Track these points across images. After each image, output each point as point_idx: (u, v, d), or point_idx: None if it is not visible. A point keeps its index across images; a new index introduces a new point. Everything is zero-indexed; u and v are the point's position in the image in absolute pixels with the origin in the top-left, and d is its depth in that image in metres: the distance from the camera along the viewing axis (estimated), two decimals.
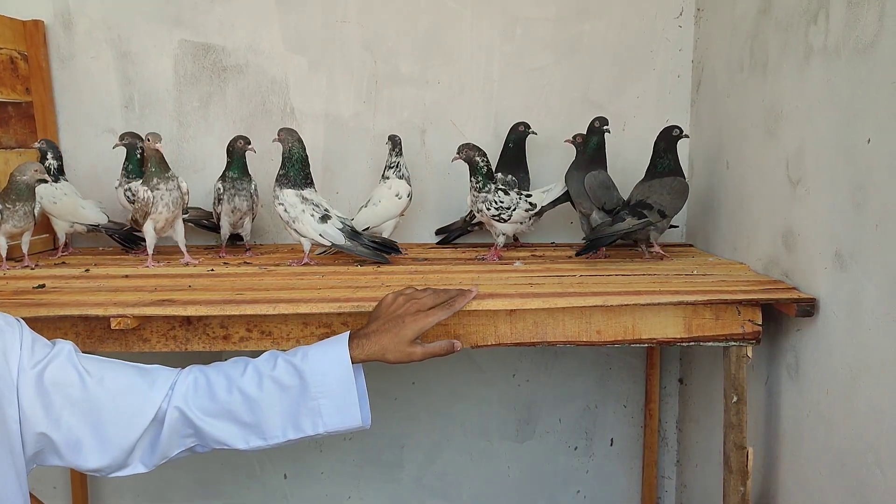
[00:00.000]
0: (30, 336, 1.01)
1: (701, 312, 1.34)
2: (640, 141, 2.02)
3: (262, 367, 1.10)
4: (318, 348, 1.12)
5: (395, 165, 1.81)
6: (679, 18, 2.01)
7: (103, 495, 2.22)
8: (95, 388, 1.02)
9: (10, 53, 1.88)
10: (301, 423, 1.10)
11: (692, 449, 2.08)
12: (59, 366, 1.00)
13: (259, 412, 1.08)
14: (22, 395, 0.98)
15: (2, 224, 1.61)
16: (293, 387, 1.09)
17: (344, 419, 1.11)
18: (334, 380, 1.10)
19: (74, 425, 1.01)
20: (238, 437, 1.09)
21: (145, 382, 1.06)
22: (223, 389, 1.08)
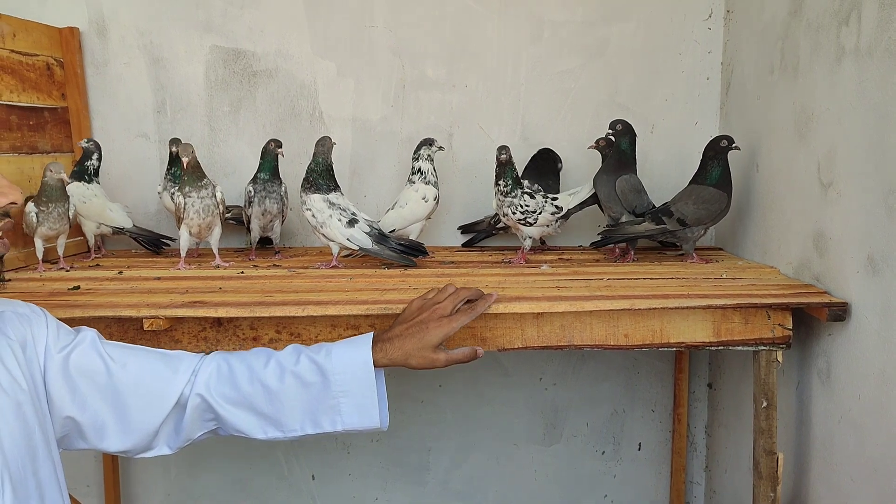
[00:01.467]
0: (55, 323, 1.04)
1: (730, 316, 1.33)
2: (669, 144, 2.01)
3: (284, 361, 1.12)
4: (342, 348, 1.13)
5: (417, 171, 1.81)
6: (708, 20, 2.00)
7: (134, 494, 2.25)
8: (119, 373, 1.04)
9: (46, 60, 1.92)
10: (320, 420, 1.12)
11: (721, 454, 2.06)
12: (84, 351, 1.03)
13: (279, 405, 1.10)
14: (49, 380, 1.01)
15: (38, 227, 1.65)
16: (314, 384, 1.10)
17: (363, 419, 1.12)
18: (356, 381, 1.11)
19: (99, 409, 1.04)
20: (257, 427, 1.12)
21: (169, 368, 1.08)
22: (245, 380, 1.10)
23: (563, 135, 2.00)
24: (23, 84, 1.82)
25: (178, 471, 2.25)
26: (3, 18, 1.77)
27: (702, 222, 1.66)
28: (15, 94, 1.79)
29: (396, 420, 2.21)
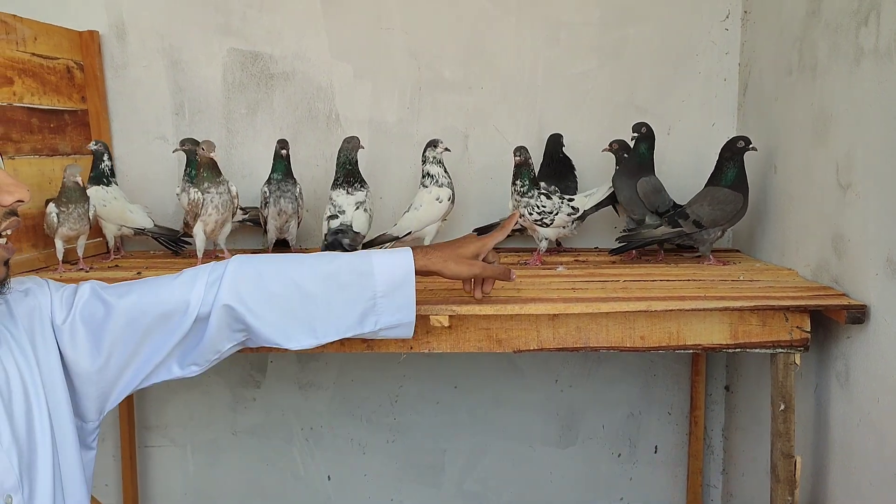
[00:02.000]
0: (58, 293, 1.06)
1: (747, 318, 1.32)
2: (686, 145, 2.01)
3: (319, 262, 1.12)
4: (381, 253, 1.14)
5: (427, 175, 1.81)
6: (725, 21, 1.99)
7: (152, 492, 2.27)
8: (122, 306, 1.06)
9: (66, 63, 1.94)
10: (356, 321, 1.12)
11: (738, 457, 2.05)
12: (85, 305, 1.05)
13: (313, 308, 1.10)
14: (65, 351, 1.03)
15: (58, 227, 1.67)
16: (352, 284, 1.10)
17: (401, 317, 1.13)
18: (396, 281, 1.12)
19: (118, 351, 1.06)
20: (289, 334, 1.11)
21: (180, 286, 1.09)
22: (276, 282, 1.09)
23: (580, 136, 1.99)
24: (44, 87, 1.85)
25: (195, 469, 2.26)
26: (24, 22, 1.79)
27: (718, 224, 1.65)
28: (36, 96, 1.81)
29: (412, 421, 2.22)
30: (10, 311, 0.99)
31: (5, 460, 0.90)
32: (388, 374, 2.21)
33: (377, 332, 1.14)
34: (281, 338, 1.11)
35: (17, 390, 0.95)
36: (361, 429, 2.24)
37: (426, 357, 2.18)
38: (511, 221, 1.27)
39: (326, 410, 2.23)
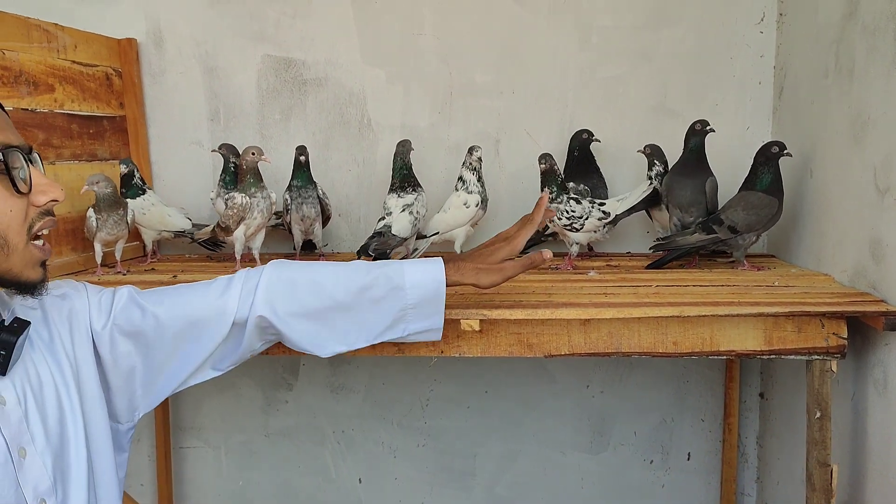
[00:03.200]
0: (95, 297, 1.08)
1: (782, 325, 1.30)
2: (719, 149, 1.98)
3: (354, 275, 1.13)
4: (414, 265, 1.15)
5: (459, 179, 1.81)
6: (760, 24, 1.97)
7: (186, 493, 2.30)
8: (160, 313, 1.08)
9: (105, 70, 1.98)
10: (385, 331, 1.15)
11: (773, 465, 2.02)
12: (123, 310, 1.07)
13: (345, 319, 1.12)
14: (103, 357, 1.05)
15: (97, 232, 1.70)
16: (385, 298, 1.12)
17: (430, 323, 1.15)
18: (428, 296, 1.13)
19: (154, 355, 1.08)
20: (320, 343, 1.14)
21: (215, 294, 1.11)
22: (310, 293, 1.11)
23: (611, 140, 1.98)
24: (83, 94, 1.89)
25: (228, 471, 2.29)
26: (65, 31, 1.83)
27: (753, 229, 1.63)
28: (76, 103, 1.85)
29: (442, 425, 2.23)
30: (45, 315, 1.01)
31: (39, 464, 0.91)
32: (419, 378, 2.22)
33: (405, 337, 1.17)
34: (312, 346, 1.14)
35: (51, 395, 0.96)
36: (392, 432, 2.25)
37: (457, 361, 2.18)
38: (540, 209, 1.25)
39: (357, 413, 2.25)
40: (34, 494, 0.90)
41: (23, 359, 0.94)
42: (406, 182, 1.78)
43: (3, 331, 0.89)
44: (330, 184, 2.03)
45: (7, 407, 0.89)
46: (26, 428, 0.91)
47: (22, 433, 0.90)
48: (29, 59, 1.71)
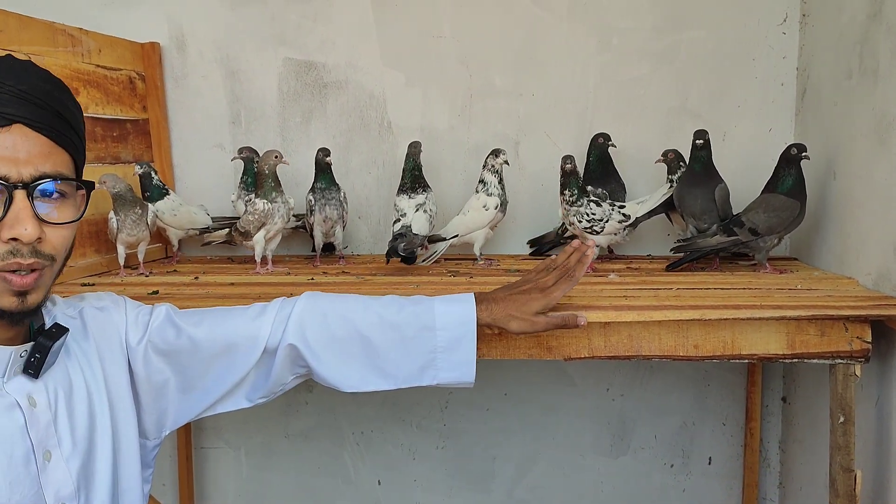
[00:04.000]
0: (133, 312, 1.09)
1: (805, 328, 1.29)
2: (741, 151, 1.97)
3: (384, 311, 1.13)
4: (445, 304, 1.14)
5: (481, 181, 1.82)
6: (783, 25, 1.95)
7: (207, 493, 2.32)
8: (195, 334, 1.09)
9: (129, 74, 2.01)
10: (414, 375, 1.13)
11: (796, 471, 1.99)
12: (159, 328, 1.08)
13: (374, 357, 1.12)
14: (136, 371, 1.06)
15: (118, 233, 1.72)
16: (415, 338, 1.11)
17: (459, 375, 1.14)
18: (458, 338, 1.12)
19: (187, 375, 1.09)
20: (348, 378, 1.13)
21: (249, 320, 1.11)
22: (341, 328, 1.11)
23: (632, 142, 1.97)
24: (107, 97, 1.91)
25: (248, 471, 2.30)
26: (89, 35, 1.85)
27: (774, 231, 1.62)
28: (100, 106, 1.88)
29: (461, 427, 2.23)
30: (84, 326, 1.02)
31: (63, 469, 0.93)
32: None
33: (435, 385, 1.15)
34: (339, 381, 1.13)
35: (82, 403, 0.97)
36: (411, 434, 2.25)
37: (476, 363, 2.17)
38: (581, 268, 1.21)
39: (377, 415, 2.25)
40: (55, 498, 0.91)
41: (58, 365, 0.95)
42: (416, 183, 1.80)
43: (41, 335, 0.91)
44: (350, 186, 2.04)
45: (37, 409, 0.91)
46: (54, 432, 0.92)
47: (49, 436, 0.92)
48: (54, 63, 1.73)
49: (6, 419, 0.87)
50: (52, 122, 0.87)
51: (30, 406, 0.90)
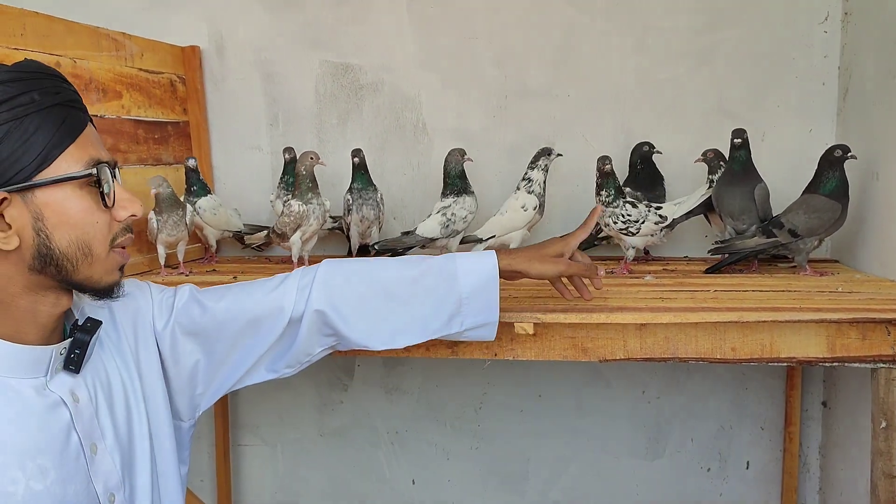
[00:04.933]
0: (158, 295, 1.11)
1: (846, 331, 1.27)
2: (780, 152, 1.95)
3: (406, 266, 1.15)
4: (466, 256, 1.16)
5: (527, 179, 1.82)
6: (824, 23, 1.92)
7: (244, 489, 2.35)
8: (217, 308, 1.11)
9: (170, 77, 2.05)
10: (440, 324, 1.14)
11: (836, 476, 1.96)
12: (183, 308, 1.10)
13: (401, 310, 1.13)
14: (165, 356, 1.09)
15: (158, 233, 1.76)
16: (438, 287, 1.13)
17: (485, 317, 1.15)
18: (481, 284, 1.13)
19: (214, 351, 1.11)
20: (377, 336, 1.14)
21: (272, 290, 1.13)
22: (365, 285, 1.13)
23: (668, 143, 1.96)
24: (149, 100, 1.95)
25: (285, 468, 2.33)
26: (132, 39, 1.89)
27: (814, 233, 1.60)
28: (142, 109, 1.92)
29: (495, 428, 2.23)
30: (113, 315, 1.04)
31: (109, 460, 0.95)
32: (473, 381, 2.22)
33: (461, 332, 1.16)
34: (368, 339, 1.14)
35: (119, 393, 1.00)
36: (446, 434, 2.26)
37: (510, 364, 2.18)
38: (593, 217, 1.27)
39: (411, 415, 2.26)
40: (104, 489, 0.94)
41: (93, 358, 0.98)
42: (452, 187, 1.83)
43: (78, 330, 0.93)
44: (386, 187, 2.05)
45: (80, 404, 0.93)
46: (97, 424, 0.95)
47: (93, 430, 0.94)
48: (98, 66, 1.77)
49: (54, 416, 0.90)
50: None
51: (73, 402, 0.92)
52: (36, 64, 0.88)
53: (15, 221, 0.84)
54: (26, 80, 0.84)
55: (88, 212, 0.88)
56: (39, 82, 0.85)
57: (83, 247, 0.88)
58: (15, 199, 0.84)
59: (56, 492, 0.87)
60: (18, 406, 0.87)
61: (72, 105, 0.88)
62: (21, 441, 0.86)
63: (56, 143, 0.85)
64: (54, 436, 0.89)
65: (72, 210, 0.87)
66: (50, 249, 0.86)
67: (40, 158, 0.84)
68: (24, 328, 0.89)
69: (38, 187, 0.84)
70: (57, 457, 0.88)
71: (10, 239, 0.85)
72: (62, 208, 0.86)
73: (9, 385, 0.87)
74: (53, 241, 0.86)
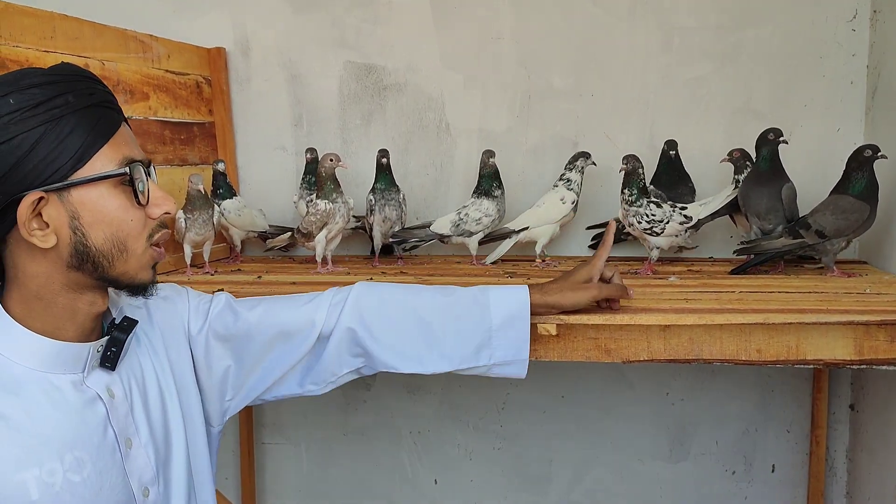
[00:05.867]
0: (195, 300, 1.13)
1: (874, 334, 1.25)
2: (808, 152, 1.92)
3: (439, 293, 1.16)
4: (498, 288, 1.17)
5: (565, 179, 1.84)
6: (852, 21, 1.89)
7: (269, 487, 2.37)
8: (250, 318, 1.12)
9: (196, 78, 2.07)
10: (470, 354, 1.15)
11: (864, 480, 1.93)
12: (218, 316, 1.12)
13: (431, 337, 1.14)
14: (197, 357, 1.10)
15: (186, 233, 1.77)
16: (469, 317, 1.13)
17: (515, 353, 1.15)
18: (512, 316, 1.14)
19: (245, 361, 1.13)
20: (405, 359, 1.14)
21: (305, 305, 1.14)
22: (397, 308, 1.14)
23: (694, 143, 1.94)
24: (175, 101, 1.97)
25: (308, 467, 2.35)
26: (159, 41, 1.92)
27: (842, 234, 1.57)
28: (168, 110, 1.94)
29: (518, 429, 2.22)
30: (149, 316, 1.07)
31: (143, 455, 0.98)
32: (495, 382, 2.22)
33: (490, 366, 1.16)
34: (395, 360, 1.15)
35: (154, 391, 1.03)
36: (468, 435, 2.26)
37: (533, 365, 2.15)
38: (610, 233, 1.27)
39: (434, 415, 2.27)
40: (139, 483, 0.96)
41: (129, 356, 1.00)
42: (478, 188, 1.87)
43: (115, 329, 0.96)
44: (408, 187, 2.06)
45: (116, 400, 0.96)
46: (132, 420, 0.98)
47: (128, 425, 0.97)
48: (126, 68, 1.80)
49: (91, 412, 0.93)
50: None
51: (109, 398, 0.95)
52: (71, 67, 0.90)
53: (52, 220, 0.87)
54: (60, 82, 0.86)
55: (123, 209, 0.90)
56: (73, 84, 0.87)
57: (118, 244, 0.90)
58: (52, 198, 0.86)
59: (92, 484, 0.90)
60: (58, 400, 0.90)
61: (106, 106, 0.90)
62: (60, 434, 0.89)
63: (91, 143, 0.87)
64: (91, 430, 0.92)
65: (107, 208, 0.89)
66: (86, 247, 0.89)
67: (76, 158, 0.86)
68: (63, 325, 0.92)
69: (74, 186, 0.86)
70: (94, 450, 0.91)
71: (48, 237, 0.87)
72: (97, 206, 0.88)
73: (48, 380, 0.90)
74: (90, 238, 0.88)
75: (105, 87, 0.92)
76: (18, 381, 0.88)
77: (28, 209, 0.85)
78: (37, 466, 0.85)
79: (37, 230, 0.86)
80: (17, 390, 0.87)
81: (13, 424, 0.85)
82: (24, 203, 0.84)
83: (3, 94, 0.83)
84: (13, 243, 0.89)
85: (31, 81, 0.85)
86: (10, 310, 0.90)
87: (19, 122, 0.83)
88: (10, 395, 0.87)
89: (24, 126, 0.83)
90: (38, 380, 0.89)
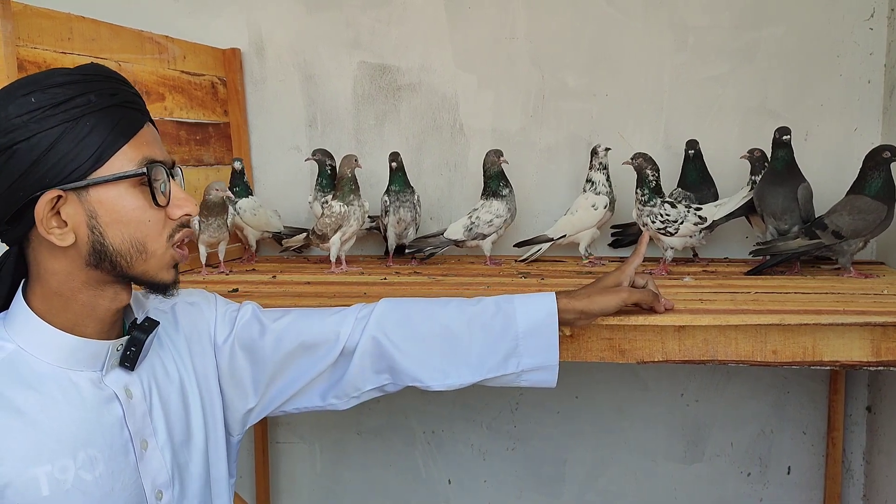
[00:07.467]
0: (223, 308, 1.13)
1: (891, 335, 1.24)
2: (824, 151, 1.91)
3: (464, 304, 1.14)
4: (525, 295, 1.15)
5: (589, 181, 1.84)
6: (870, 20, 1.88)
7: (283, 487, 2.38)
8: (276, 328, 1.12)
9: (211, 79, 2.08)
10: (497, 363, 1.12)
11: (881, 483, 1.92)
12: (245, 325, 1.11)
13: (457, 347, 1.12)
14: (222, 370, 1.10)
15: (199, 234, 1.79)
16: (495, 325, 1.11)
17: (543, 359, 1.13)
18: (539, 323, 1.12)
19: (268, 371, 1.12)
20: (432, 373, 1.12)
21: (332, 316, 1.13)
22: (423, 319, 1.12)
23: (710, 143, 1.93)
24: (191, 102, 1.98)
25: (322, 466, 2.35)
26: (175, 42, 1.93)
27: (859, 234, 1.56)
28: (184, 111, 1.95)
29: (532, 430, 2.22)
30: (175, 321, 1.07)
31: (159, 457, 0.98)
32: None
33: (519, 374, 1.13)
34: (421, 371, 1.12)
35: (175, 394, 1.02)
36: (482, 435, 2.26)
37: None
38: (643, 243, 1.26)
39: (448, 415, 2.27)
40: (152, 486, 0.96)
41: (150, 358, 1.01)
42: (486, 189, 1.87)
43: (136, 329, 0.96)
44: (422, 188, 2.06)
45: (133, 400, 0.96)
46: (150, 422, 0.97)
47: (145, 426, 0.97)
48: (142, 69, 1.81)
49: (106, 410, 0.93)
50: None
51: (127, 397, 0.95)
52: (96, 67, 0.91)
53: (70, 219, 0.87)
54: (83, 82, 0.87)
55: (141, 210, 0.90)
56: (96, 84, 0.88)
57: (136, 244, 0.90)
58: (70, 197, 0.87)
59: (104, 483, 0.90)
60: (74, 397, 0.90)
61: (129, 106, 0.90)
62: (75, 431, 0.89)
63: (110, 143, 0.87)
64: (106, 429, 0.92)
65: (125, 208, 0.89)
66: (104, 246, 0.89)
67: (94, 158, 0.86)
68: (83, 322, 0.92)
69: (93, 186, 0.87)
70: (107, 449, 0.91)
71: (65, 235, 0.87)
72: (115, 206, 0.88)
73: (67, 377, 0.91)
74: (107, 238, 0.89)
75: (131, 87, 0.92)
76: (39, 377, 0.89)
77: (46, 207, 0.85)
78: (49, 463, 0.86)
79: (55, 228, 0.87)
80: (37, 385, 0.88)
81: (29, 420, 0.86)
82: (42, 201, 0.85)
83: (27, 92, 0.84)
84: (35, 240, 0.90)
85: (54, 81, 0.85)
86: (33, 305, 0.91)
87: (39, 120, 0.84)
88: (30, 389, 0.88)
89: (44, 125, 0.84)
90: (57, 376, 0.90)
